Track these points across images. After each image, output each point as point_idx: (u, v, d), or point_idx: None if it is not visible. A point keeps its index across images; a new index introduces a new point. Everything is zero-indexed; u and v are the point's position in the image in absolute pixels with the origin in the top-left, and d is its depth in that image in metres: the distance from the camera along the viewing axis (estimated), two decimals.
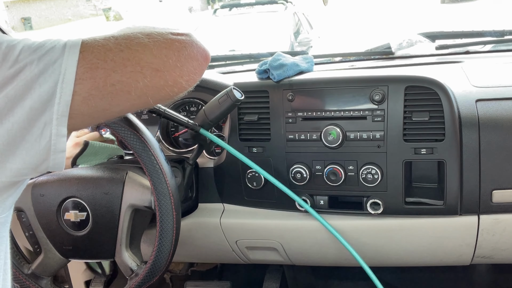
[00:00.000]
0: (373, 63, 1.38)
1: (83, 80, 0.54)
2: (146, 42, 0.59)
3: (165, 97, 0.64)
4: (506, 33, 1.28)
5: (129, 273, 0.95)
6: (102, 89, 0.56)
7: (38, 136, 0.53)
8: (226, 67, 1.50)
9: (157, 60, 0.59)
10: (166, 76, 0.60)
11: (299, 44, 5.55)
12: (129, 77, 0.57)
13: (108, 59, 0.55)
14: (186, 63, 0.63)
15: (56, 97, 0.53)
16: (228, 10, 6.55)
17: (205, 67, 0.68)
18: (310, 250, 1.19)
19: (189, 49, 0.64)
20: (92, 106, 0.56)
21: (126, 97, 0.58)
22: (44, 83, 0.52)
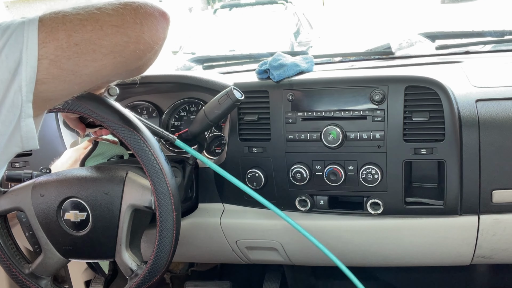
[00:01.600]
0: (373, 63, 1.38)
1: (46, 43, 0.56)
2: (101, 5, 0.62)
3: (133, 55, 0.66)
4: (506, 33, 1.28)
5: (129, 273, 0.95)
6: (67, 49, 0.58)
7: (11, 106, 0.56)
8: (226, 67, 1.50)
9: (115, 18, 0.61)
10: (128, 32, 0.62)
11: (299, 44, 5.54)
12: (91, 35, 0.59)
13: (66, 21, 0.58)
14: (145, 20, 0.65)
15: (22, 64, 0.55)
16: (228, 10, 6.55)
17: (165, 25, 0.70)
18: (310, 250, 1.19)
19: (144, 7, 0.66)
20: (61, 68, 0.58)
21: (92, 56, 0.60)
22: (10, 54, 0.54)
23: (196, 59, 1.56)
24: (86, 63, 0.61)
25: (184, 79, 1.19)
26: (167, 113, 1.28)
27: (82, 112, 0.87)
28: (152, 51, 0.69)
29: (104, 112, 0.87)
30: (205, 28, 6.10)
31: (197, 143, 1.12)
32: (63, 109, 0.87)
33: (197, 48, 5.51)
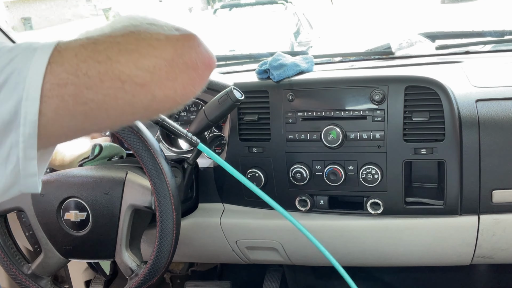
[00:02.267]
0: (373, 63, 1.38)
1: (48, 98, 0.45)
2: (131, 49, 0.47)
3: (153, 113, 0.54)
4: (506, 33, 1.28)
5: (129, 273, 0.95)
6: (72, 109, 0.46)
7: (4, 160, 0.46)
8: (226, 67, 1.50)
9: (143, 73, 0.47)
10: (155, 91, 0.49)
11: (299, 44, 5.55)
12: (106, 94, 0.47)
13: (80, 73, 0.46)
14: (182, 74, 0.51)
15: (20, 117, 0.44)
16: (228, 10, 6.56)
17: (207, 77, 0.56)
18: (310, 250, 1.19)
19: (187, 55, 0.51)
20: (63, 127, 0.48)
21: (103, 116, 0.49)
22: (6, 100, 0.44)
23: None
24: (95, 122, 0.50)
25: None
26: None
27: None
28: (179, 107, 0.55)
29: None
30: (205, 28, 6.10)
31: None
32: None
33: None
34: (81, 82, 0.46)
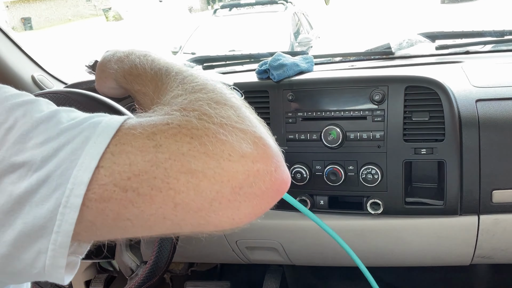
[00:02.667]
0: (373, 63, 1.38)
1: (88, 208, 0.38)
2: (194, 169, 0.39)
3: (199, 233, 0.44)
4: (506, 33, 1.28)
5: (129, 273, 0.95)
6: (112, 223, 0.40)
7: (29, 265, 0.40)
8: (226, 67, 1.50)
9: (202, 199, 0.39)
10: (210, 216, 0.40)
11: (299, 44, 5.55)
12: (153, 214, 0.39)
13: (130, 188, 0.38)
14: (246, 203, 0.41)
15: (55, 224, 0.38)
16: (228, 10, 6.56)
17: (273, 203, 0.46)
18: (310, 250, 1.19)
19: (260, 183, 0.41)
20: (96, 235, 0.42)
21: (144, 232, 0.42)
22: (43, 202, 0.38)
23: (196, 59, 1.56)
24: (132, 235, 0.43)
25: None
26: None
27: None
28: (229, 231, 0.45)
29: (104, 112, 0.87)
30: (205, 28, 6.11)
31: None
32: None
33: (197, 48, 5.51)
34: (128, 198, 0.39)
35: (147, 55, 0.64)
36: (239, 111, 0.46)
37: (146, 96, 0.60)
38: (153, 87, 0.58)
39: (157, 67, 0.60)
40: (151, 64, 0.61)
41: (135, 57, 0.65)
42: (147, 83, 0.60)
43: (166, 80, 0.55)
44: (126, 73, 0.65)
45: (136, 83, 0.63)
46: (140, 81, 0.61)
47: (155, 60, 0.62)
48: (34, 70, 1.34)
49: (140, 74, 0.62)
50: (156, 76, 0.58)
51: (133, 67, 0.64)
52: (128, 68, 0.65)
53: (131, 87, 0.64)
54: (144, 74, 0.61)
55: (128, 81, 0.65)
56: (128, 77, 0.65)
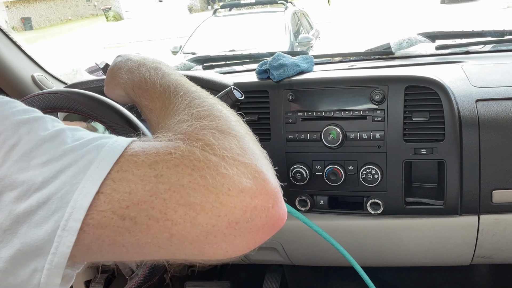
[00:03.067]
0: (373, 63, 1.38)
1: (84, 232, 0.39)
2: (193, 201, 0.39)
3: (192, 261, 0.46)
4: (506, 33, 1.28)
5: (129, 273, 0.95)
6: (107, 249, 0.41)
7: (24, 281, 0.40)
8: (226, 67, 1.50)
9: (198, 232, 0.39)
10: (204, 248, 0.41)
11: (299, 44, 5.55)
12: (148, 242, 0.40)
13: (128, 217, 0.39)
14: (241, 238, 0.42)
15: (52, 246, 0.39)
16: (228, 10, 6.56)
17: (267, 238, 0.47)
18: (310, 250, 1.19)
19: (256, 220, 0.42)
20: (91, 258, 0.43)
21: (138, 257, 0.43)
22: (41, 223, 0.38)
23: (196, 59, 1.55)
24: (126, 259, 0.45)
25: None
26: None
27: (82, 112, 0.87)
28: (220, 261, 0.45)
29: (104, 112, 0.87)
30: (205, 28, 6.11)
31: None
32: (63, 108, 0.87)
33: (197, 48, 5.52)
34: (126, 226, 0.39)
35: (158, 69, 0.64)
36: (243, 141, 0.47)
37: (152, 112, 0.60)
38: (160, 105, 0.58)
39: (166, 84, 0.60)
40: (160, 80, 0.61)
41: (145, 69, 0.65)
42: (155, 100, 0.60)
43: (174, 100, 0.55)
44: (135, 86, 0.66)
45: (144, 98, 0.63)
46: (148, 97, 0.61)
47: (165, 75, 0.62)
48: (34, 70, 1.34)
49: (149, 89, 0.62)
50: (164, 94, 0.58)
51: (142, 80, 0.64)
52: (137, 81, 0.65)
53: (139, 100, 0.64)
54: (153, 89, 0.61)
55: (137, 95, 0.65)
56: (137, 91, 0.65)
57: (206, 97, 0.55)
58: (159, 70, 0.64)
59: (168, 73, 0.63)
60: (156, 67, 0.65)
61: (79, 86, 1.15)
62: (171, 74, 0.63)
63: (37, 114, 0.44)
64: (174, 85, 0.58)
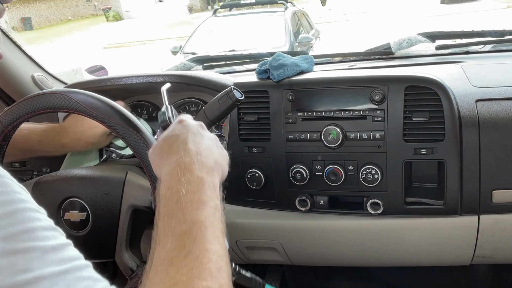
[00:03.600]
0: (373, 63, 1.38)
1: None
2: None
3: None
4: (506, 33, 1.28)
5: (129, 273, 0.95)
6: None
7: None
8: (226, 67, 1.50)
9: None
10: None
11: (299, 44, 5.55)
12: None
13: None
14: None
15: None
16: (228, 10, 6.56)
17: None
18: (310, 250, 1.19)
19: None
20: None
21: None
22: None
23: (196, 59, 1.56)
24: None
25: (184, 79, 1.19)
26: None
27: (82, 112, 0.87)
28: None
29: (105, 111, 0.87)
30: (205, 28, 6.11)
31: None
32: (63, 108, 0.87)
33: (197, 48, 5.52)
34: None
35: (198, 191, 0.58)
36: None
37: (160, 246, 0.54)
38: (172, 247, 0.53)
39: (188, 225, 0.54)
40: (189, 215, 0.55)
41: (186, 182, 0.59)
42: (169, 235, 0.54)
43: (181, 253, 0.51)
44: (162, 196, 0.59)
45: (160, 213, 0.57)
46: (164, 219, 0.56)
47: (199, 207, 0.56)
48: (34, 70, 1.34)
49: (169, 214, 0.56)
50: (179, 238, 0.53)
51: (171, 200, 0.58)
52: (168, 195, 0.59)
53: (157, 208, 0.59)
54: (172, 221, 0.55)
55: (158, 202, 0.60)
56: (160, 202, 0.59)
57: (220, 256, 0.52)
58: (199, 193, 0.58)
59: (203, 205, 0.57)
60: (197, 190, 0.58)
61: (79, 86, 1.15)
62: (209, 203, 0.57)
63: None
64: (196, 235, 0.53)
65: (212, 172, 0.64)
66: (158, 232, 0.54)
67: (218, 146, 0.72)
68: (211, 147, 0.69)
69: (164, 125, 0.84)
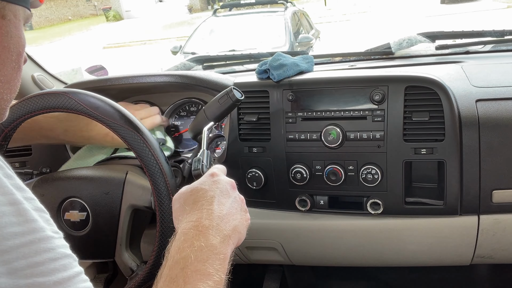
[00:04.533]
0: (373, 63, 1.38)
1: None
2: None
3: None
4: (506, 33, 1.28)
5: (129, 273, 0.95)
6: None
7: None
8: (226, 67, 1.50)
9: None
10: None
11: (299, 44, 5.55)
12: None
13: None
14: None
15: None
16: (228, 10, 6.56)
17: None
18: (310, 250, 1.19)
19: None
20: None
21: None
22: None
23: (196, 59, 1.56)
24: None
25: (184, 78, 1.19)
26: (167, 113, 1.28)
27: (82, 112, 0.87)
28: None
29: (105, 111, 0.87)
30: (205, 28, 6.11)
31: (197, 143, 1.12)
32: (63, 108, 0.87)
33: (197, 48, 5.52)
34: None
35: (205, 264, 0.59)
36: None
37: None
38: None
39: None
40: (190, 286, 0.56)
41: (194, 254, 0.60)
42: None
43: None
44: (170, 256, 0.60)
45: (163, 274, 0.58)
46: (165, 283, 0.57)
47: (202, 279, 0.57)
48: (34, 70, 1.34)
49: (171, 279, 0.57)
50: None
51: (178, 265, 0.59)
52: (176, 258, 0.60)
53: (162, 266, 0.61)
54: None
55: (164, 260, 0.61)
56: (167, 261, 0.60)
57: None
58: (207, 263, 0.59)
59: (211, 274, 0.58)
60: (209, 255, 0.60)
61: (79, 86, 1.15)
62: (213, 276, 0.58)
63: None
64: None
65: (228, 240, 0.64)
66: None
67: (242, 209, 0.72)
68: (235, 211, 0.69)
69: (196, 174, 0.83)
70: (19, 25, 0.56)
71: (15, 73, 0.57)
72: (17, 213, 0.44)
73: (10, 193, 0.45)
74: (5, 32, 0.54)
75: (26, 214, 0.45)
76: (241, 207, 0.72)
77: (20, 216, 0.44)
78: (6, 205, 0.44)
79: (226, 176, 0.76)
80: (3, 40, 0.54)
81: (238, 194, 0.73)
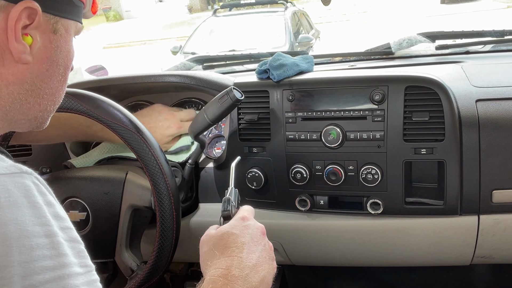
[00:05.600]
0: (373, 63, 1.38)
1: None
2: None
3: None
4: (506, 33, 1.28)
5: (129, 273, 0.95)
6: None
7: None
8: (226, 67, 1.50)
9: None
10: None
11: (299, 44, 5.55)
12: None
13: None
14: None
15: None
16: (228, 10, 6.56)
17: None
18: (310, 250, 1.19)
19: None
20: None
21: None
22: None
23: (196, 59, 1.56)
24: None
25: (184, 78, 1.19)
26: None
27: (82, 112, 0.87)
28: None
29: (105, 112, 0.87)
30: (205, 28, 6.11)
31: (198, 143, 1.12)
32: (63, 108, 0.87)
33: (197, 48, 5.52)
34: None
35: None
36: None
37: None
38: None
39: None
40: None
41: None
42: None
43: None
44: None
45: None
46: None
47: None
48: None
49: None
50: None
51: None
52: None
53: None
54: None
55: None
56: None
57: None
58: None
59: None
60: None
61: (79, 86, 1.15)
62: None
63: None
64: None
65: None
66: None
67: (270, 258, 0.71)
68: (264, 260, 0.68)
69: (225, 215, 0.79)
70: (70, 39, 0.56)
71: (60, 86, 0.57)
72: (51, 246, 0.44)
73: (47, 224, 0.45)
74: (55, 47, 0.54)
75: (59, 247, 0.45)
76: (269, 256, 0.70)
77: (53, 249, 0.44)
78: (42, 237, 0.44)
79: (256, 221, 0.74)
80: (52, 54, 0.54)
81: (267, 241, 0.72)
